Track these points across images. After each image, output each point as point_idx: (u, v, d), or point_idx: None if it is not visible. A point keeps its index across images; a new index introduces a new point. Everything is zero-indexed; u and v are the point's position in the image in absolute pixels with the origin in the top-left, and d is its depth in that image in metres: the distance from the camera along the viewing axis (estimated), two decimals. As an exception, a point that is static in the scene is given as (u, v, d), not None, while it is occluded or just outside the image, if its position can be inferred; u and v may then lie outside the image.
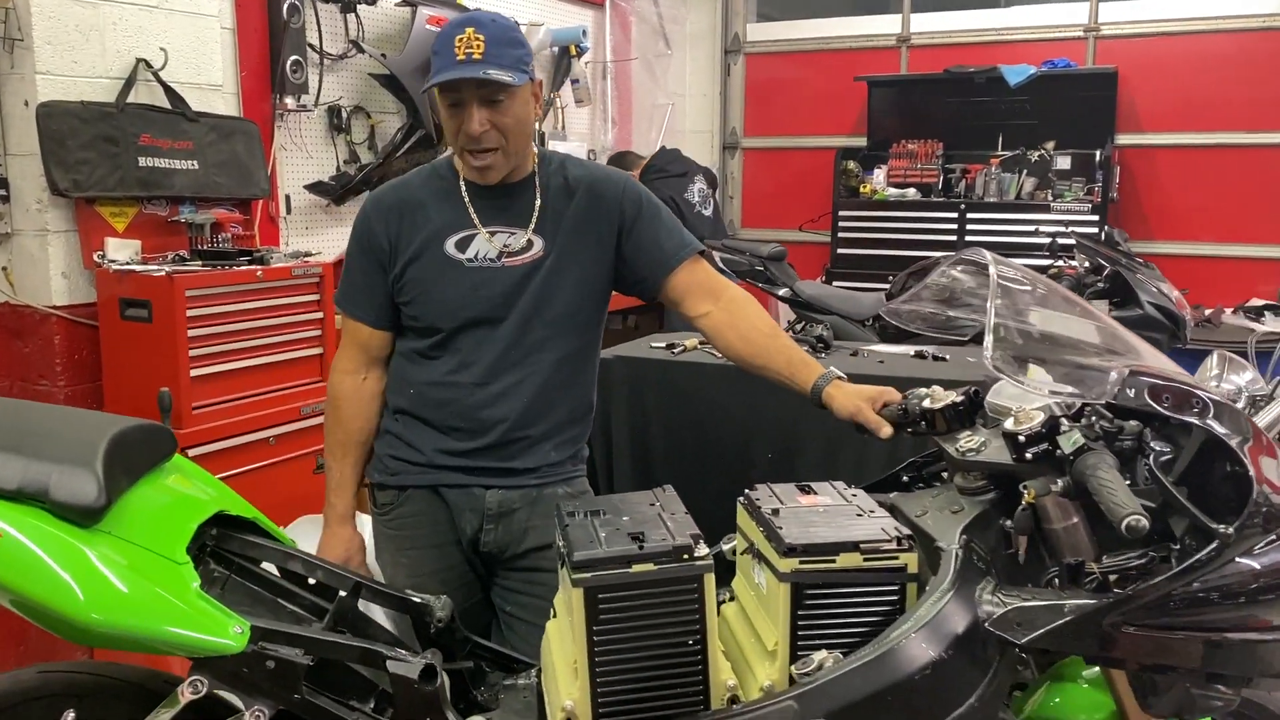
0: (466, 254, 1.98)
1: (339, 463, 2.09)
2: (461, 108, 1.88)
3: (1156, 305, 3.95)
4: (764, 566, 1.53)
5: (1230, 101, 5.68)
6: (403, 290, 2.00)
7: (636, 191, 2.08)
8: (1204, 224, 5.78)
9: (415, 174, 2.10)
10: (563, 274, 2.01)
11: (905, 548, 1.47)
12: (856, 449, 2.64)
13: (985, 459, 1.54)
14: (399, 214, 2.00)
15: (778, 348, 2.03)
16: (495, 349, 1.99)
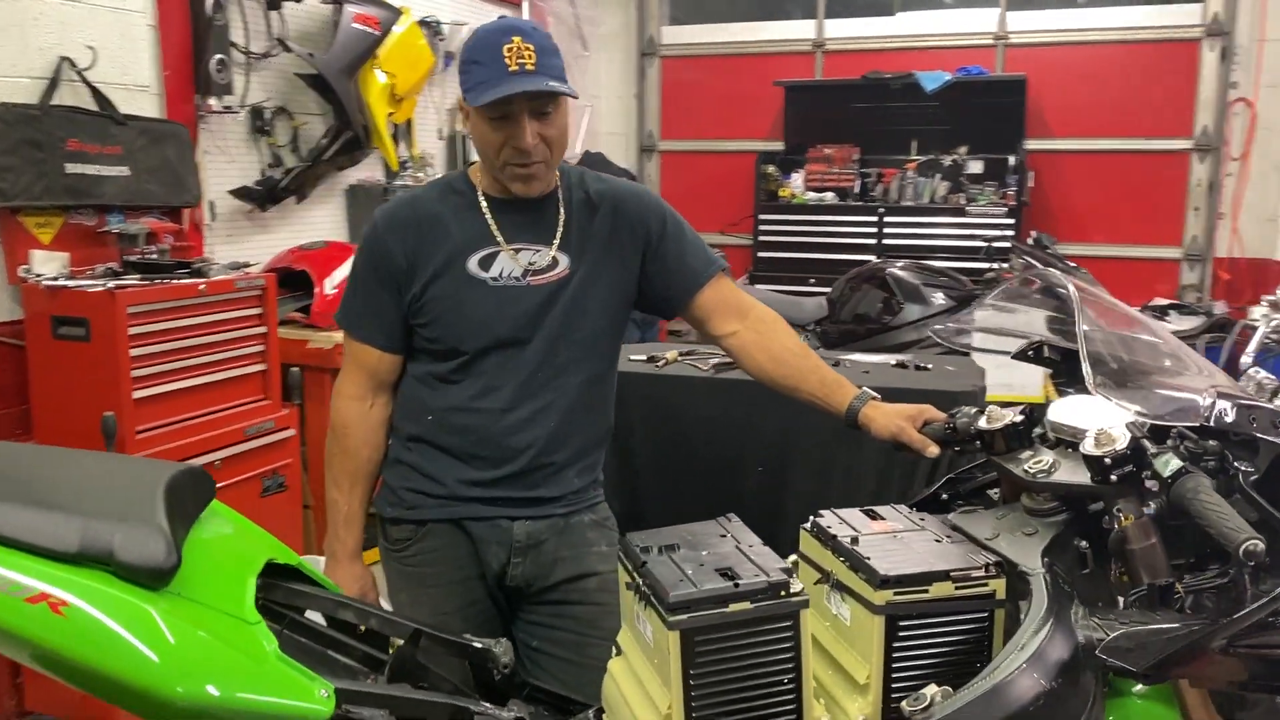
0: (490, 272, 1.88)
1: (346, 495, 1.97)
2: (510, 121, 1.78)
3: (1092, 309, 4.08)
4: (847, 598, 1.49)
5: (1130, 109, 5.94)
6: (422, 311, 1.89)
7: (660, 207, 2.03)
8: (1106, 226, 6.03)
9: (428, 188, 1.99)
10: (589, 293, 1.94)
11: (994, 574, 1.46)
12: (848, 462, 2.64)
13: (1062, 480, 1.54)
14: (416, 230, 1.90)
15: (810, 368, 2.00)
16: (521, 372, 1.90)
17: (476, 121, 1.81)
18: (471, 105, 1.77)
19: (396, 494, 1.96)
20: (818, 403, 1.98)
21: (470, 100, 1.77)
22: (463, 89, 1.81)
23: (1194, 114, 5.86)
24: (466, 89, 1.79)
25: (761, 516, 2.76)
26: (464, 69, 1.82)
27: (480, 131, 1.82)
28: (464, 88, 1.80)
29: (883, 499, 2.67)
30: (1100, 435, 1.48)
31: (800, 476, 2.67)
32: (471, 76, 1.78)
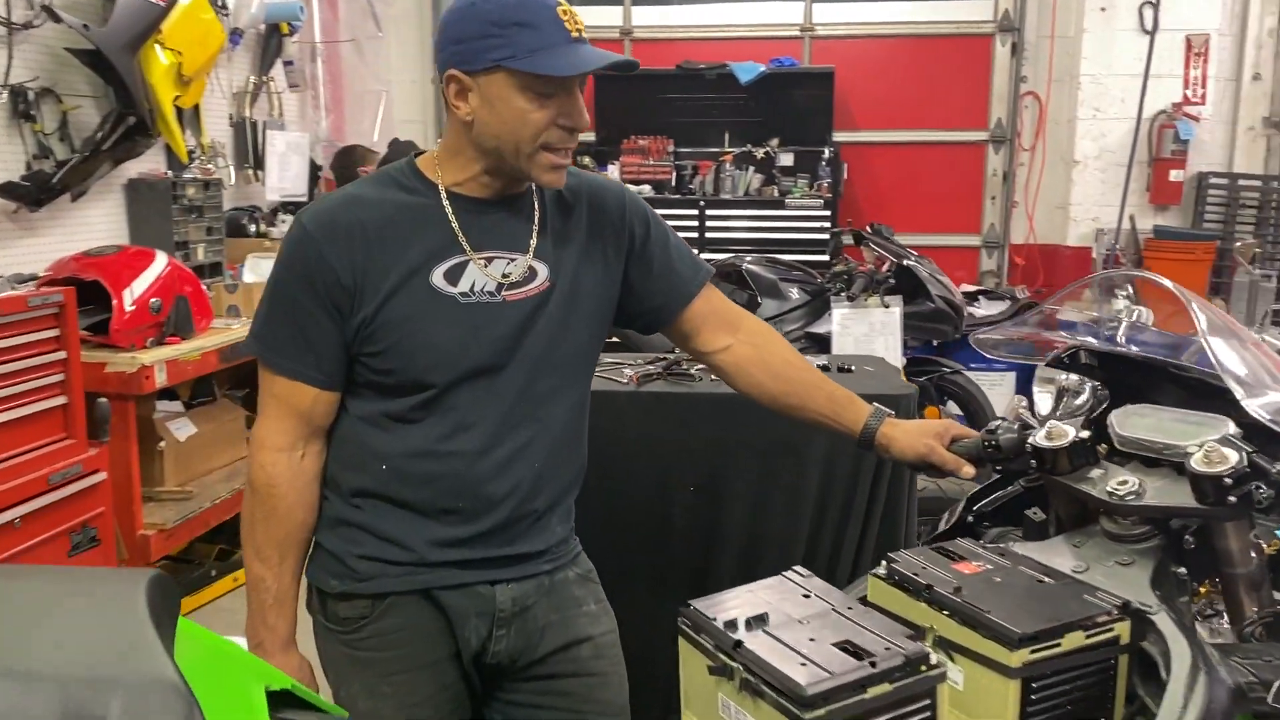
0: (459, 287, 1.54)
1: (275, 570, 1.57)
2: (562, 95, 1.48)
3: (945, 298, 4.12)
4: (960, 659, 1.29)
5: (930, 101, 6.13)
6: (374, 337, 1.52)
7: (640, 205, 1.73)
8: (911, 216, 6.20)
9: (365, 185, 1.60)
10: (572, 308, 1.63)
11: (1119, 617, 1.30)
12: (790, 479, 2.45)
13: (1162, 504, 1.40)
14: (364, 237, 1.52)
15: (815, 383, 1.77)
16: (500, 405, 1.57)
17: (508, 96, 1.47)
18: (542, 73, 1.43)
19: (343, 563, 1.58)
20: (825, 422, 1.76)
21: (539, 66, 1.44)
22: (493, 56, 1.46)
23: (988, 107, 6.12)
24: (506, 55, 1.45)
25: (695, 543, 2.54)
26: (497, 32, 1.46)
27: (514, 109, 1.47)
28: (498, 54, 1.46)
29: (826, 518, 2.53)
30: (1211, 453, 1.35)
31: (737, 497, 2.45)
32: (519, 41, 1.45)
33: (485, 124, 1.49)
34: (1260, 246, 5.52)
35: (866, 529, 2.46)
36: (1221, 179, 5.73)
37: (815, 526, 2.46)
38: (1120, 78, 5.71)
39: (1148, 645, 1.31)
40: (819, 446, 2.43)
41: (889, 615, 1.38)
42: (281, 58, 5.16)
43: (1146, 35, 5.63)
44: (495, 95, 1.47)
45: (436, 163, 1.58)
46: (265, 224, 5.03)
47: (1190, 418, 1.47)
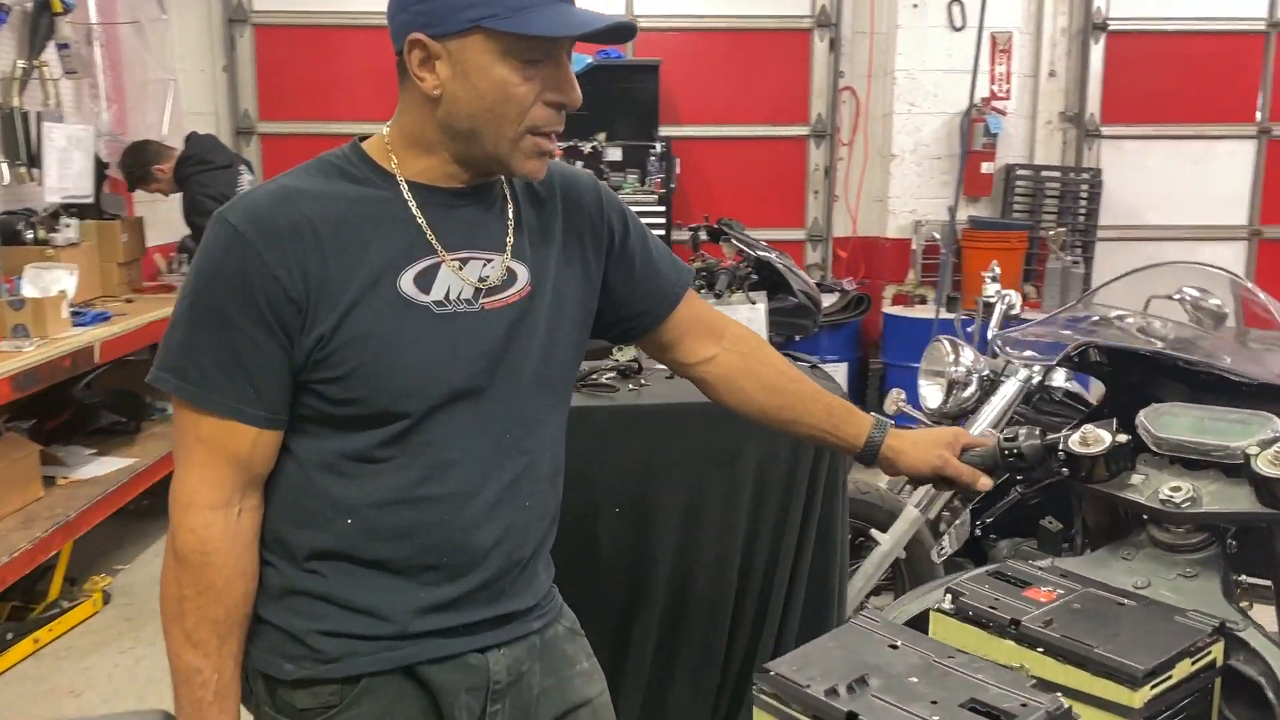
0: (433, 294, 1.29)
1: (215, 657, 1.25)
2: (550, 65, 1.23)
3: (805, 293, 4.07)
4: (1070, 702, 1.15)
5: (753, 95, 6.12)
6: (333, 360, 1.24)
7: (616, 198, 1.51)
8: (738, 211, 6.15)
9: (302, 176, 1.30)
10: (557, 316, 1.40)
11: (1215, 639, 1.20)
12: (723, 493, 2.28)
13: (1226, 510, 1.31)
14: (314, 239, 1.23)
15: (811, 394, 1.59)
16: (486, 435, 1.32)
17: (488, 65, 1.22)
18: (532, 33, 1.19)
19: (301, 642, 1.29)
20: (824, 437, 1.59)
21: (528, 26, 1.20)
22: (471, 15, 1.21)
23: (809, 101, 6.18)
24: (487, 14, 1.20)
25: (624, 570, 2.33)
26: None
27: (494, 81, 1.22)
28: (476, 13, 1.20)
29: (760, 529, 2.37)
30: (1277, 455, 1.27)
31: (667, 516, 2.26)
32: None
33: (459, 100, 1.24)
34: (1068, 235, 5.83)
35: (804, 537, 2.33)
36: (1026, 170, 6.02)
37: (750, 539, 2.31)
38: (933, 73, 5.89)
39: (1240, 665, 1.22)
40: (751, 455, 2.28)
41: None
42: (55, 40, 4.53)
43: (956, 32, 5.83)
44: (472, 64, 1.22)
45: (389, 148, 1.31)
46: (45, 229, 4.40)
47: (1229, 415, 1.39)
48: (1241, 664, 1.21)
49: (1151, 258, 6.34)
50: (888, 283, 6.01)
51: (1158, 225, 6.34)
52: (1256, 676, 1.19)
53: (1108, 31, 6.11)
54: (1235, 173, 6.35)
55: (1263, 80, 6.23)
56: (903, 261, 6.04)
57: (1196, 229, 6.37)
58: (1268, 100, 6.25)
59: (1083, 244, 6.02)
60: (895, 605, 1.43)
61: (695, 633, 2.31)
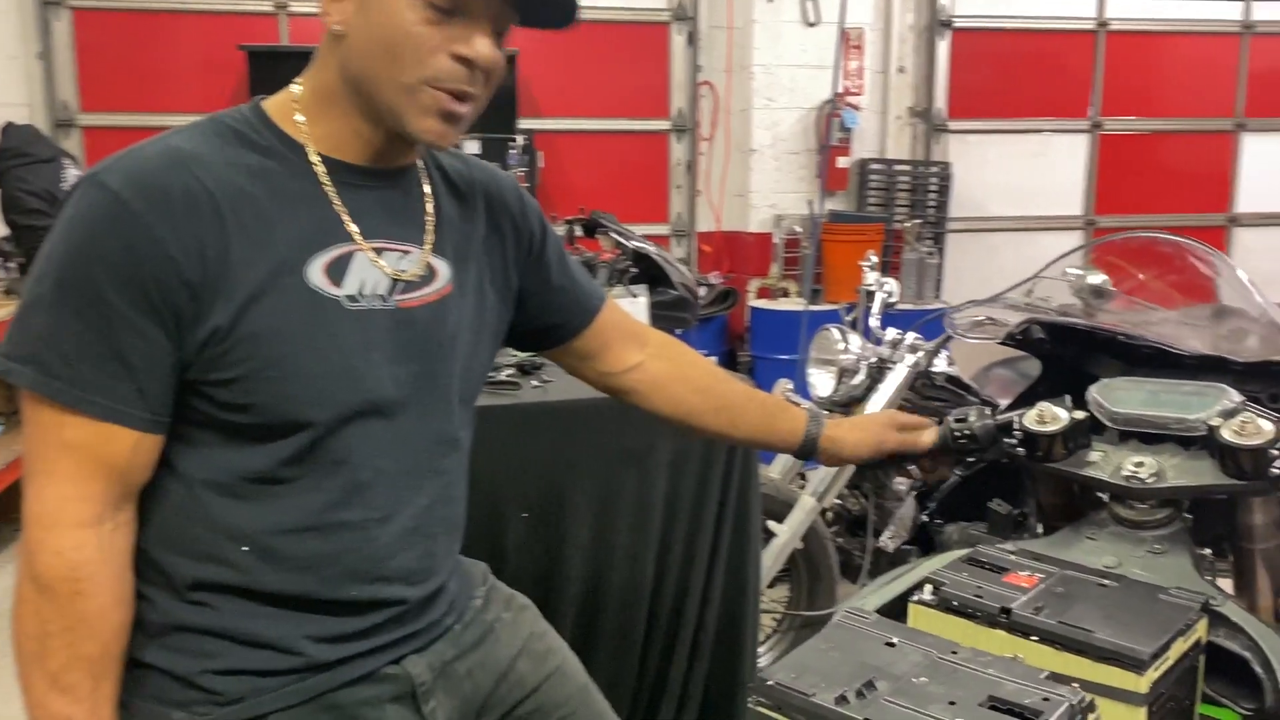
0: (346, 287, 1.13)
1: (88, 702, 1.06)
2: (463, 17, 1.09)
3: (685, 285, 4.01)
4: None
5: (614, 89, 6.04)
6: (227, 359, 1.07)
7: (536, 203, 1.41)
8: (602, 206, 6.08)
9: (194, 137, 1.11)
10: (477, 321, 1.28)
11: (1200, 615, 1.17)
12: (636, 492, 2.18)
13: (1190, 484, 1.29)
14: (213, 212, 1.06)
15: (744, 394, 1.54)
16: (406, 453, 1.19)
17: (396, 6, 1.07)
18: None
19: (192, 684, 1.12)
20: (761, 438, 1.55)
21: None
22: None
23: (669, 96, 6.14)
24: None
25: (534, 576, 2.19)
26: None
27: (395, 19, 1.07)
28: None
29: (675, 527, 2.27)
30: (1246, 424, 1.26)
31: (578, 519, 2.14)
32: None
33: (358, 37, 1.10)
34: (921, 227, 5.98)
35: (719, 530, 2.26)
36: (880, 165, 6.15)
37: (664, 536, 2.22)
38: (789, 68, 5.94)
39: (1222, 640, 1.20)
40: (664, 451, 2.19)
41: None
42: None
43: (810, 27, 5.90)
44: (379, 5, 1.08)
45: (297, 110, 1.15)
46: None
47: (1182, 388, 1.38)
48: (1223, 639, 1.18)
49: (996, 249, 6.62)
50: (751, 276, 6.03)
51: (1002, 216, 6.59)
52: (1241, 651, 1.17)
53: (953, 28, 6.30)
54: (1071, 166, 6.66)
55: (1094, 77, 6.55)
56: (765, 255, 6.08)
57: (1037, 219, 6.66)
58: (1099, 96, 6.58)
59: (934, 235, 6.19)
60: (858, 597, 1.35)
61: (610, 632, 2.20)
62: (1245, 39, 6.70)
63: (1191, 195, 6.84)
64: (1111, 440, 1.39)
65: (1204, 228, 6.87)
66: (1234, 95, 6.77)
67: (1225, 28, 6.69)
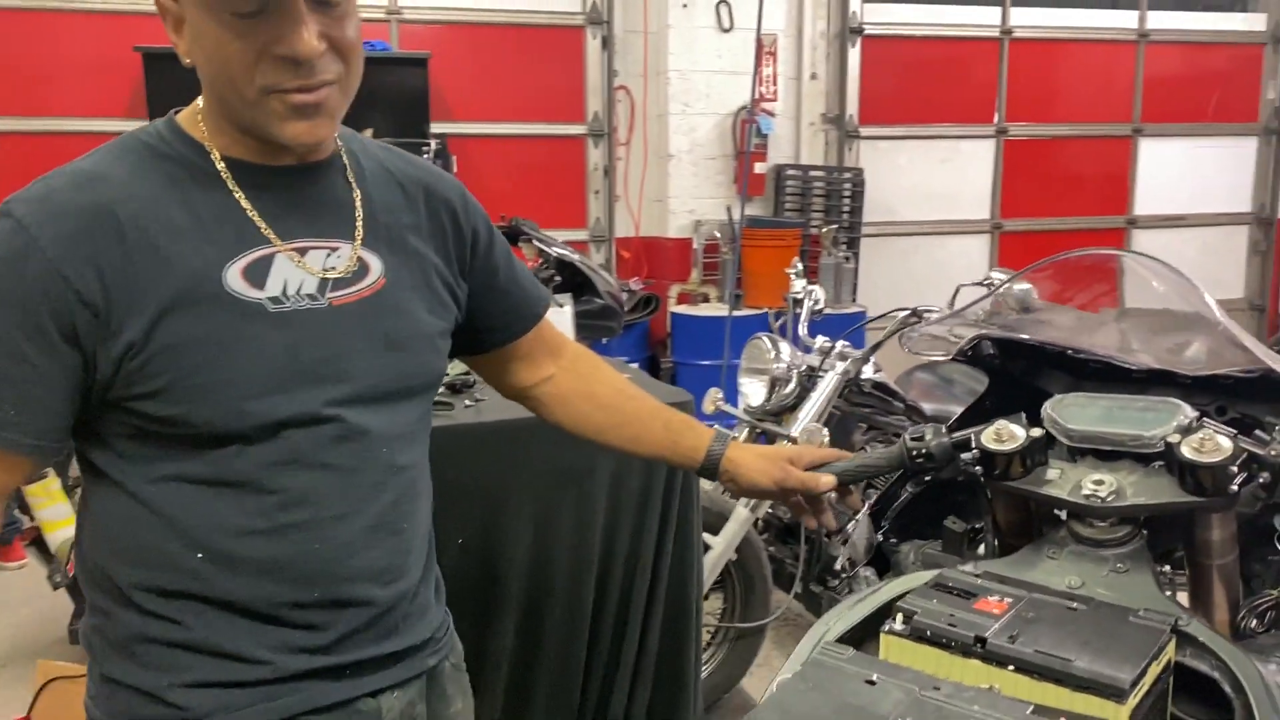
0: (268, 290, 1.12)
1: None
2: (271, 15, 1.05)
3: (610, 294, 3.96)
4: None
5: (529, 93, 5.96)
6: (146, 373, 1.07)
7: (478, 204, 1.38)
8: (517, 212, 5.98)
9: (104, 158, 1.11)
10: (417, 313, 1.25)
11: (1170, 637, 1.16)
12: (573, 518, 2.12)
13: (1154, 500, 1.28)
14: (115, 231, 1.05)
15: (650, 409, 1.50)
16: (349, 452, 1.16)
17: (208, 25, 1.05)
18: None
19: (160, 700, 1.12)
20: (664, 454, 1.51)
21: None
22: None
23: (585, 100, 6.09)
24: None
25: (472, 606, 2.11)
26: None
27: (215, 41, 1.05)
28: None
29: (616, 546, 2.21)
30: (1205, 441, 1.26)
31: (516, 543, 2.07)
32: None
33: (201, 66, 1.10)
34: (837, 232, 6.04)
35: (660, 549, 2.21)
36: (795, 170, 6.19)
37: (605, 558, 2.17)
38: (705, 74, 5.94)
39: (1189, 661, 1.19)
40: (604, 470, 2.15)
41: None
42: None
43: (725, 33, 5.91)
44: (192, 19, 1.07)
45: (201, 120, 1.14)
46: None
47: (1135, 404, 1.38)
48: (1190, 659, 1.17)
49: (908, 252, 6.73)
50: (671, 282, 6.02)
51: (913, 221, 6.70)
52: (1210, 672, 1.16)
53: (863, 35, 6.38)
54: (978, 170, 6.80)
55: (999, 84, 6.70)
56: (685, 261, 6.07)
57: (947, 224, 6.78)
58: (1004, 102, 6.73)
59: (849, 240, 6.26)
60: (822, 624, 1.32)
61: (551, 658, 2.14)
62: (1141, 47, 6.93)
63: (1093, 198, 7.06)
64: (1068, 457, 1.38)
65: (1105, 230, 7.10)
66: (1131, 101, 6.99)
67: (1123, 36, 6.91)
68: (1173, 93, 7.04)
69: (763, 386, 3.08)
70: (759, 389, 3.09)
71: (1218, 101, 7.16)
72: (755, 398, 3.11)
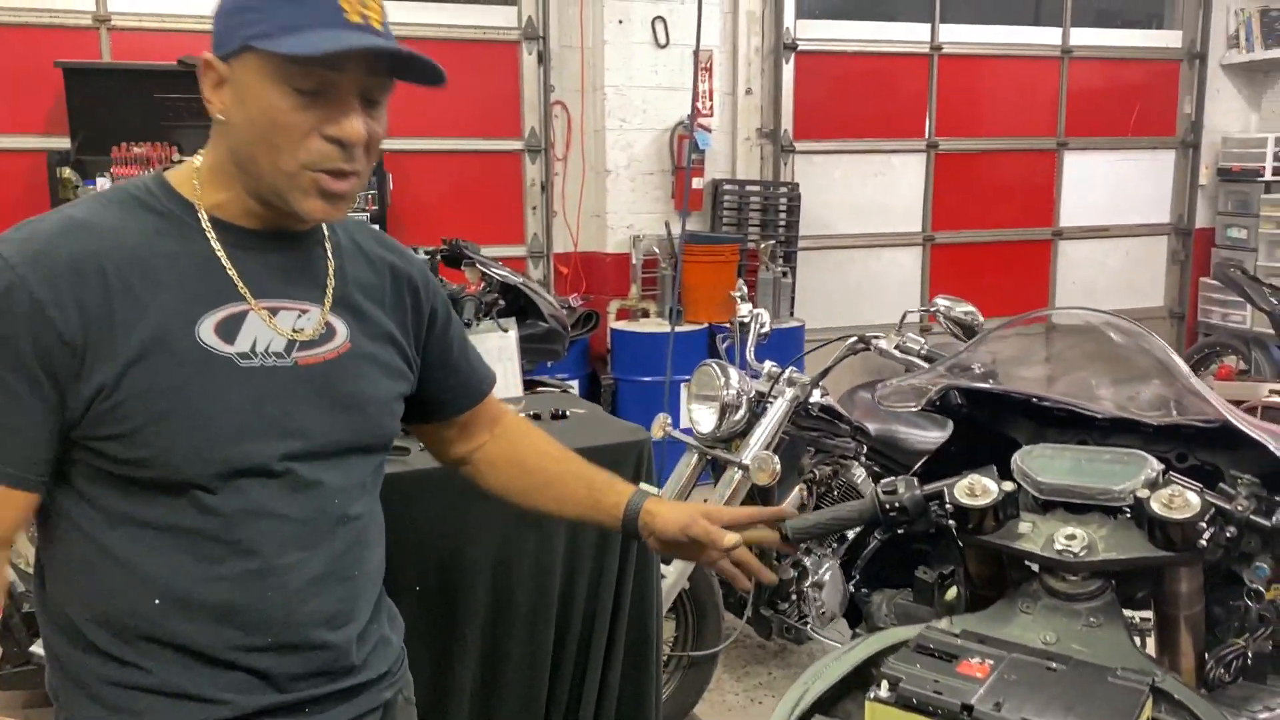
0: (238, 345, 1.20)
1: None
2: (330, 98, 1.15)
3: (555, 316, 3.92)
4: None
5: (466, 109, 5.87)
6: (115, 416, 1.13)
7: (438, 285, 1.49)
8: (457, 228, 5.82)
9: (93, 206, 1.19)
10: (377, 376, 1.34)
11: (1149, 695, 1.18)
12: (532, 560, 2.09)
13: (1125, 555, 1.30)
14: (98, 277, 1.13)
15: (573, 472, 1.56)
16: (310, 502, 1.23)
17: (260, 89, 1.14)
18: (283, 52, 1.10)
19: None
20: (588, 515, 1.56)
21: (283, 46, 1.10)
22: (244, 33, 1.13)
23: (521, 115, 6.04)
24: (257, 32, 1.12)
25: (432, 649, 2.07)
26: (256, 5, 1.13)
27: (264, 106, 1.13)
28: (249, 31, 1.13)
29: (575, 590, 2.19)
30: (1175, 498, 1.28)
31: (474, 588, 2.04)
32: (276, 13, 1.12)
33: (238, 126, 1.18)
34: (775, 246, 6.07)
35: (620, 588, 2.20)
36: (732, 185, 6.21)
37: (565, 599, 2.15)
38: (641, 89, 5.94)
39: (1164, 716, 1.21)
40: (563, 512, 2.10)
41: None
42: None
43: (661, 49, 5.91)
44: (245, 87, 1.16)
45: (196, 178, 1.22)
46: None
47: (1103, 456, 1.40)
48: (1165, 714, 1.19)
49: (843, 265, 6.80)
50: (611, 297, 6.00)
51: (848, 234, 6.78)
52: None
53: (797, 51, 6.44)
54: (910, 184, 6.90)
55: (930, 99, 6.82)
56: (624, 276, 6.05)
57: (880, 236, 6.88)
58: (934, 117, 6.84)
59: (785, 254, 6.30)
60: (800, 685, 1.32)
61: (512, 700, 2.11)
62: (1065, 63, 7.10)
63: (1021, 211, 7.21)
64: (1038, 508, 1.40)
65: (1032, 241, 7.26)
66: (1056, 116, 7.16)
67: (1047, 52, 7.07)
68: (1095, 107, 7.22)
69: (712, 414, 3.08)
70: (709, 416, 3.09)
71: (1138, 116, 7.37)
72: (705, 425, 3.10)
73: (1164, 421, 1.44)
